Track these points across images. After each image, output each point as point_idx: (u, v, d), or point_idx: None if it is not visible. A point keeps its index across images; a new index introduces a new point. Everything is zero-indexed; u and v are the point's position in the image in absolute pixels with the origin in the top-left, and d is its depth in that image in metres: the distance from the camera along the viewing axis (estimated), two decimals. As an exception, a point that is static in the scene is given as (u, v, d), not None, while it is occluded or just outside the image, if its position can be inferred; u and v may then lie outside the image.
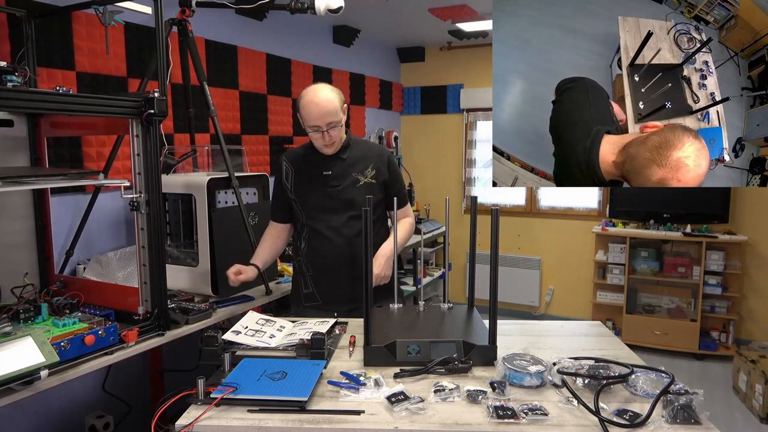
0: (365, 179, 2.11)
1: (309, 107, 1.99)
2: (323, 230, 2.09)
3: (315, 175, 2.11)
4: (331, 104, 1.99)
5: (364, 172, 2.12)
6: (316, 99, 1.98)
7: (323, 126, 1.99)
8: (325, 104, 1.98)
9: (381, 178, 2.13)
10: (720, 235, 4.17)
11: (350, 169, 2.11)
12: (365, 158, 2.14)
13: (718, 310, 4.25)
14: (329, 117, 1.99)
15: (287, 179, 2.16)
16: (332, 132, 2.02)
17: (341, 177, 2.10)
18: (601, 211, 4.86)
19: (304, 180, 2.13)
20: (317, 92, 2.00)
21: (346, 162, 2.11)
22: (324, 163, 2.11)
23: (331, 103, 1.99)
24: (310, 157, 2.13)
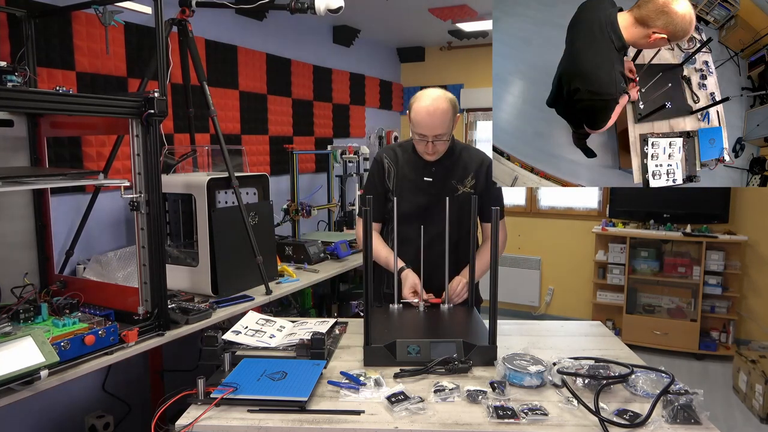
0: (464, 188, 2.03)
1: (421, 115, 1.91)
2: (412, 236, 1.99)
3: (415, 180, 2.04)
4: (445, 116, 1.91)
5: (464, 180, 2.04)
6: (431, 108, 1.90)
7: (430, 137, 1.93)
8: (439, 116, 1.90)
9: (478, 187, 2.04)
10: (720, 235, 4.17)
11: (450, 176, 2.03)
12: (466, 166, 2.05)
13: (718, 310, 4.25)
14: (438, 129, 1.92)
15: (389, 178, 2.08)
16: (438, 144, 1.95)
17: (440, 185, 2.02)
18: (601, 211, 4.86)
19: (405, 183, 2.05)
20: (433, 101, 1.91)
21: (447, 169, 2.03)
22: (425, 168, 2.03)
23: (445, 115, 1.91)
24: (412, 158, 2.05)
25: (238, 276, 2.34)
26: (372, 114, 4.98)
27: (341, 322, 1.89)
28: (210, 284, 2.24)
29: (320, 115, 4.21)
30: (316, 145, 4.15)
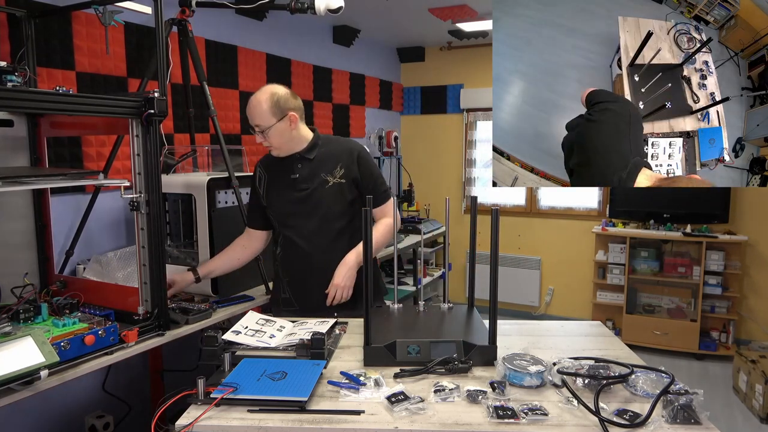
0: (334, 179, 2.02)
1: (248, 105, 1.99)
2: (295, 237, 2.05)
3: (284, 179, 2.06)
4: (257, 108, 1.95)
5: (333, 171, 2.03)
6: (250, 100, 1.98)
7: (253, 126, 1.98)
8: (252, 105, 1.97)
9: (351, 176, 2.03)
10: (720, 235, 4.17)
11: (318, 170, 2.03)
12: (333, 157, 2.05)
13: (718, 310, 4.25)
14: (254, 119, 1.97)
15: (260, 185, 2.12)
16: (265, 135, 1.98)
17: (309, 179, 2.03)
18: (601, 211, 4.86)
19: (274, 185, 2.09)
20: (256, 94, 1.98)
21: (313, 162, 2.04)
22: (291, 165, 2.05)
23: (257, 106, 1.95)
24: (281, 160, 2.07)
25: (238, 276, 2.33)
26: (372, 114, 4.98)
27: (341, 322, 1.89)
28: (210, 284, 2.24)
29: (320, 115, 4.21)
30: (316, 145, 4.15)
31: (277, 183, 2.09)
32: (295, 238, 2.06)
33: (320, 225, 2.03)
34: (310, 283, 2.06)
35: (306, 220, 2.03)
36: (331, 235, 2.04)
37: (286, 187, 2.06)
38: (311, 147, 2.06)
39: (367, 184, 2.05)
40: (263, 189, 2.12)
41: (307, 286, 2.07)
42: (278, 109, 1.97)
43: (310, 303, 2.07)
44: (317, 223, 2.03)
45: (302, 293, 2.09)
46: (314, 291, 2.04)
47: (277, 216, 2.09)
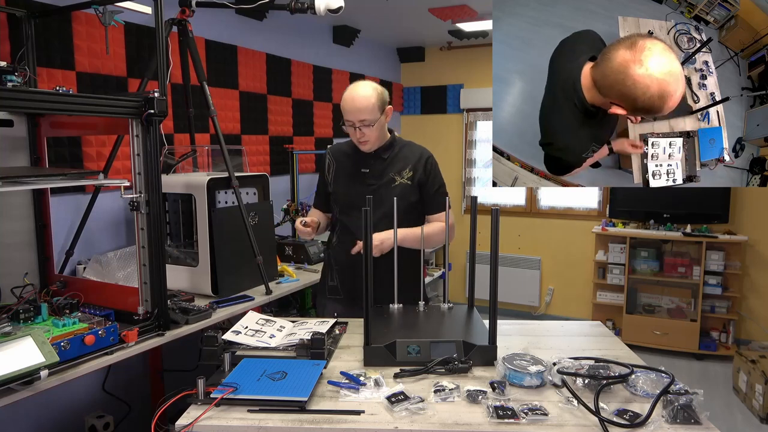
0: (401, 180, 2.09)
1: (345, 101, 2.02)
2: (353, 227, 2.09)
3: (354, 172, 2.13)
4: (367, 101, 1.98)
5: (402, 172, 2.10)
6: (353, 94, 2.00)
7: (356, 122, 2.00)
8: (360, 101, 1.98)
9: (416, 178, 2.10)
10: (720, 235, 4.17)
11: (389, 169, 2.10)
12: (405, 159, 2.12)
13: (718, 310, 4.25)
14: (362, 114, 1.99)
15: (329, 172, 2.19)
16: (365, 130, 2.01)
17: (378, 176, 2.10)
18: (601, 211, 4.86)
19: (343, 175, 2.16)
20: (357, 88, 2.02)
21: (386, 161, 2.11)
22: (364, 161, 2.12)
23: (366, 100, 1.99)
24: (354, 153, 2.15)
25: (238, 276, 2.33)
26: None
27: (341, 322, 1.89)
28: (210, 284, 2.24)
29: (320, 115, 4.21)
30: (316, 145, 4.15)
31: (346, 173, 2.15)
32: (353, 229, 2.09)
33: (380, 221, 2.04)
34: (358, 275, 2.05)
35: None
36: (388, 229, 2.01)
37: (354, 179, 2.12)
38: (388, 146, 2.13)
39: (429, 189, 2.12)
40: (331, 176, 2.18)
41: (355, 277, 2.08)
42: (382, 103, 2.03)
43: (356, 292, 2.08)
44: (378, 218, 2.03)
45: (349, 283, 2.13)
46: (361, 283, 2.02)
47: (341, 205, 2.14)
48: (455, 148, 5.39)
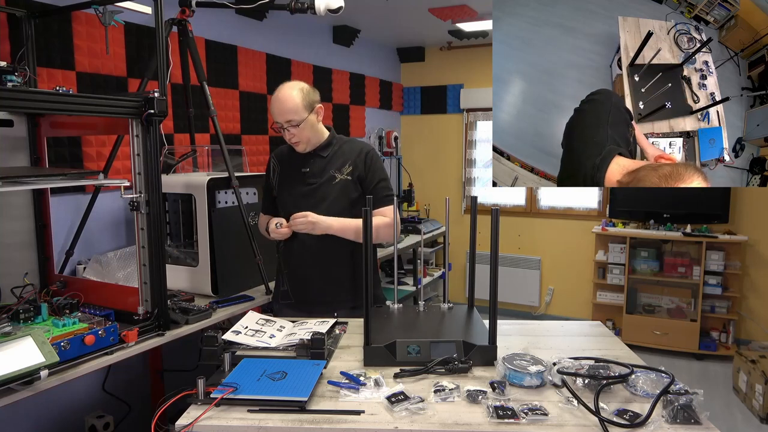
0: (341, 176, 2.07)
1: (271, 102, 2.03)
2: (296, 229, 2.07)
3: (295, 173, 2.12)
4: (291, 101, 1.97)
5: (341, 169, 2.07)
6: (277, 95, 2.00)
7: (283, 123, 2.00)
8: (284, 101, 1.98)
9: (356, 173, 2.07)
10: (720, 235, 4.17)
11: (328, 167, 2.08)
12: (345, 155, 2.10)
13: (718, 310, 4.25)
14: (287, 115, 1.98)
15: (273, 176, 2.19)
16: (293, 130, 2.00)
17: (318, 174, 2.08)
18: (601, 211, 4.86)
19: (285, 177, 2.15)
20: (281, 89, 2.01)
21: (325, 159, 2.09)
22: (304, 160, 2.10)
23: (291, 100, 1.97)
24: (294, 154, 2.13)
25: (238, 276, 2.33)
26: (372, 114, 4.98)
27: (341, 322, 1.89)
28: (210, 284, 2.24)
29: (320, 115, 4.20)
30: (316, 145, 4.14)
31: (288, 175, 2.14)
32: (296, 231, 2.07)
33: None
34: (307, 276, 2.08)
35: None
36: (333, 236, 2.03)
37: (295, 180, 2.12)
38: (327, 144, 2.12)
39: (369, 183, 2.07)
40: (276, 180, 2.18)
41: (305, 279, 2.09)
42: (308, 101, 2.01)
43: (307, 296, 2.09)
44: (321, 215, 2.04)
45: (300, 286, 2.11)
46: (311, 284, 2.06)
47: (283, 207, 2.14)
48: (455, 148, 5.39)
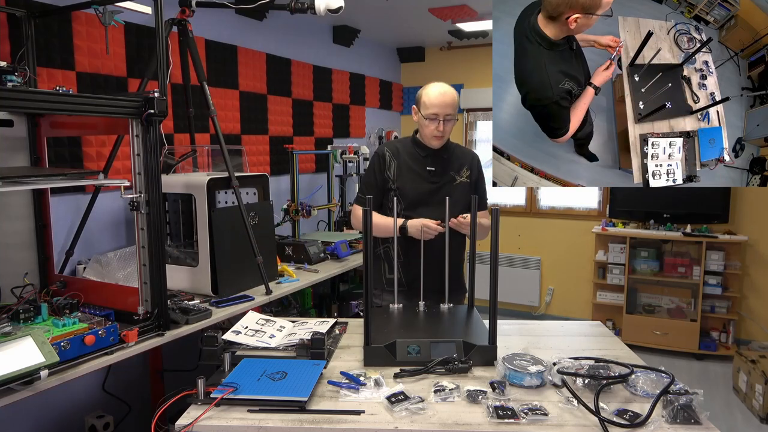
0: (461, 179, 2.22)
1: (434, 95, 2.11)
2: None
3: (418, 169, 2.20)
4: (454, 98, 2.13)
5: (461, 172, 2.23)
6: (443, 89, 2.13)
7: (441, 115, 2.09)
8: (450, 96, 2.12)
9: (473, 178, 2.25)
10: (720, 235, 4.17)
11: (449, 168, 2.22)
12: (460, 159, 2.25)
13: (718, 310, 4.25)
14: (449, 108, 2.10)
15: (389, 169, 2.23)
16: (446, 125, 2.12)
17: (442, 174, 2.21)
18: (601, 211, 4.86)
19: (407, 172, 2.21)
20: (444, 85, 2.15)
21: (445, 161, 2.22)
22: (427, 159, 2.20)
23: (454, 97, 2.13)
24: (413, 151, 2.23)
25: (238, 276, 2.34)
26: (372, 114, 4.98)
27: (341, 322, 1.89)
28: (210, 284, 2.24)
29: (320, 115, 4.21)
30: (316, 145, 4.15)
31: (410, 170, 2.21)
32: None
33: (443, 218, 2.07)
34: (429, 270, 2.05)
35: (433, 210, 2.13)
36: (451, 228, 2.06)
37: (419, 177, 2.20)
38: (445, 147, 2.24)
39: (479, 188, 2.28)
40: (393, 173, 2.22)
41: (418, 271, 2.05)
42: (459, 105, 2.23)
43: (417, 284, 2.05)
44: (441, 215, 2.07)
45: (413, 276, 2.12)
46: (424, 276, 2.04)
47: (408, 201, 2.19)
48: (455, 148, 5.38)
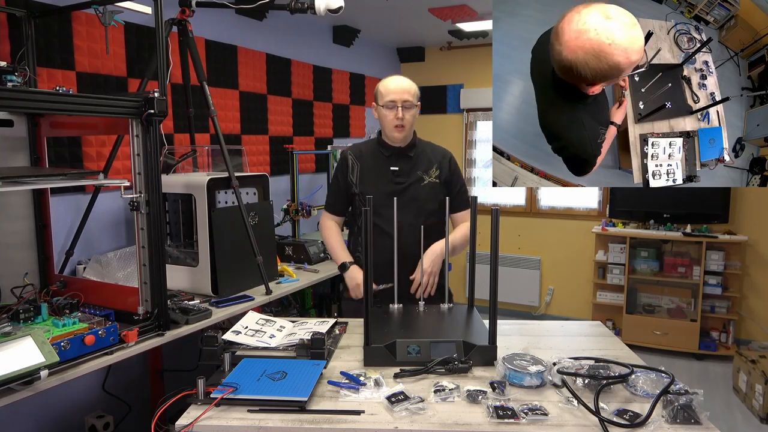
0: (429, 179, 2.15)
1: (388, 82, 2.10)
2: (384, 227, 2.07)
3: (382, 170, 2.15)
4: (410, 84, 2.10)
5: (429, 171, 2.16)
6: (396, 77, 2.12)
7: (399, 102, 2.06)
8: (405, 82, 2.09)
9: (443, 177, 2.17)
10: (720, 235, 4.17)
11: (416, 167, 2.15)
12: (430, 158, 2.18)
13: (718, 310, 4.25)
14: (405, 94, 2.07)
15: (352, 173, 2.19)
16: (406, 113, 2.07)
17: (407, 174, 2.14)
18: (601, 211, 4.86)
19: (370, 174, 2.17)
20: (397, 75, 2.15)
21: (412, 160, 2.16)
22: (391, 159, 2.15)
23: (410, 84, 2.10)
24: (377, 152, 2.18)
25: (238, 276, 2.34)
26: (372, 114, 4.96)
27: (341, 322, 1.89)
28: (210, 284, 2.24)
29: (320, 115, 4.21)
30: (316, 145, 4.15)
31: (373, 172, 2.17)
32: (384, 227, 2.07)
33: (412, 219, 2.06)
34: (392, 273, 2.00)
35: (398, 213, 1.99)
36: (419, 230, 2.00)
37: (382, 178, 2.15)
38: (412, 145, 2.19)
39: (453, 187, 2.19)
40: (356, 177, 2.19)
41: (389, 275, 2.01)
42: (419, 95, 2.16)
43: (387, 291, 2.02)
44: (410, 217, 2.06)
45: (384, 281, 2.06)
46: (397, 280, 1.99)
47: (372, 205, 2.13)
48: (455, 148, 5.37)
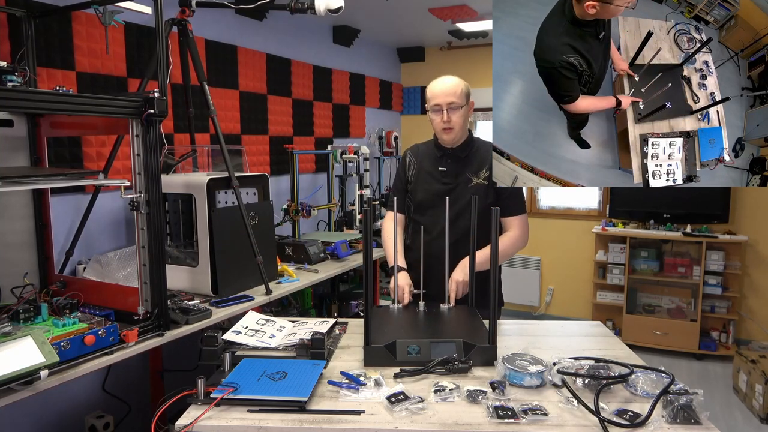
0: (477, 180, 2.09)
1: (433, 85, 2.06)
2: (426, 225, 2.08)
3: (431, 170, 2.15)
4: (455, 85, 2.03)
5: (479, 172, 2.09)
6: (442, 79, 2.06)
7: (444, 105, 2.02)
8: (449, 83, 2.03)
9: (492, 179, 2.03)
10: (720, 235, 4.17)
11: (465, 168, 2.10)
12: (482, 158, 2.10)
13: (718, 310, 4.25)
14: (450, 96, 2.02)
15: (409, 171, 2.20)
16: (452, 115, 2.02)
17: (454, 175, 2.11)
18: (601, 211, 4.86)
19: (423, 174, 2.17)
20: (444, 76, 2.08)
21: (463, 160, 2.12)
22: (442, 159, 2.13)
23: (455, 85, 2.04)
24: (432, 152, 2.17)
25: (238, 276, 2.34)
26: (372, 114, 4.98)
27: (341, 322, 1.89)
28: (210, 284, 2.24)
29: (320, 115, 4.21)
30: (316, 145, 4.15)
31: (424, 172, 2.17)
32: (428, 227, 2.07)
33: (454, 221, 2.01)
34: (431, 273, 2.02)
35: (442, 213, 1.97)
36: (462, 232, 2.00)
37: (431, 178, 2.14)
38: (465, 145, 2.13)
39: (504, 190, 2.05)
40: (412, 175, 2.19)
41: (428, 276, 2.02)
42: (468, 92, 2.09)
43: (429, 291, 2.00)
44: (453, 217, 2.00)
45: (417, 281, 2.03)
46: (435, 282, 1.99)
47: (417, 203, 2.15)
48: (455, 148, 5.38)
